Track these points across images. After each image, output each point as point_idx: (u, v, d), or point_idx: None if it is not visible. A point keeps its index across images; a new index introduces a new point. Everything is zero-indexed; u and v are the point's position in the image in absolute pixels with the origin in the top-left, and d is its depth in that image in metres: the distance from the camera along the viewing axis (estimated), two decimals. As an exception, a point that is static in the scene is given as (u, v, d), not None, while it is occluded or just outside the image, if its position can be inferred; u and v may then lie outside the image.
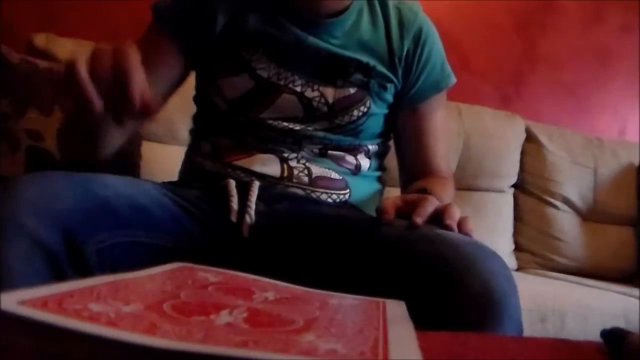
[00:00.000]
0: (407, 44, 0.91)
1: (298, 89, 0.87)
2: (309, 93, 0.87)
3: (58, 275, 0.55)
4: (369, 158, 0.93)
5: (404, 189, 0.98)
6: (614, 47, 2.46)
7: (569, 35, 2.40)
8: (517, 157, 2.10)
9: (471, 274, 0.59)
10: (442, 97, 0.98)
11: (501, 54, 2.32)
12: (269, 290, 0.42)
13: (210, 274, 0.44)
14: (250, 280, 0.46)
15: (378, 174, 0.97)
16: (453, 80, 0.97)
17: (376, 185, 0.97)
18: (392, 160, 1.01)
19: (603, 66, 2.46)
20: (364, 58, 0.88)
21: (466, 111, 2.04)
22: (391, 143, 1.00)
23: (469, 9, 2.24)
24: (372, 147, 0.93)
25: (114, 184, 0.66)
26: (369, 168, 0.93)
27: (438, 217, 0.69)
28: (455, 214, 0.69)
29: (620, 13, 2.45)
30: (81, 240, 0.58)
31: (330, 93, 0.87)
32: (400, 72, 0.91)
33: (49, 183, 0.59)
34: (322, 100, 0.87)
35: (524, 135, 2.13)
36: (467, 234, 0.68)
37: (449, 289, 0.59)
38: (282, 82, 0.87)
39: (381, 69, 0.89)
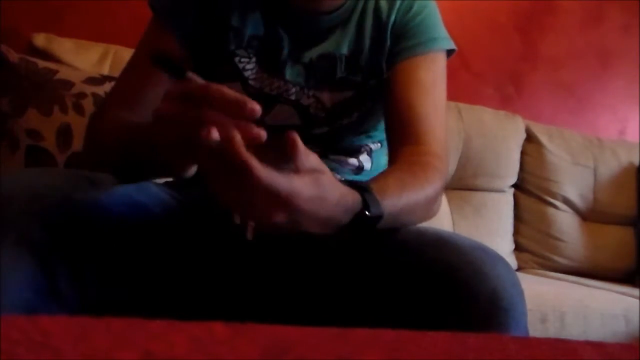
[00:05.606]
0: (395, 13, 0.86)
1: (292, 97, 0.85)
2: (304, 100, 0.85)
3: (46, 272, 0.55)
4: (371, 157, 0.92)
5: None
6: (614, 47, 2.46)
7: (569, 36, 2.40)
8: (517, 157, 2.10)
9: (478, 280, 0.59)
10: (435, 61, 0.86)
11: (501, 54, 2.32)
12: None
13: None
14: None
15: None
16: (449, 44, 0.88)
17: None
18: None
19: (603, 66, 2.46)
20: (358, 56, 0.86)
21: (466, 111, 2.04)
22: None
23: (469, 9, 2.24)
24: (374, 146, 0.92)
25: (109, 182, 0.65)
26: (371, 167, 0.92)
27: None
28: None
29: (620, 13, 2.45)
30: (69, 238, 0.57)
31: (326, 98, 0.85)
32: (388, 44, 0.86)
33: (38, 179, 0.59)
34: (319, 106, 0.85)
35: (524, 135, 2.13)
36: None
37: (456, 296, 0.59)
38: (274, 93, 0.84)
39: (376, 62, 0.86)
